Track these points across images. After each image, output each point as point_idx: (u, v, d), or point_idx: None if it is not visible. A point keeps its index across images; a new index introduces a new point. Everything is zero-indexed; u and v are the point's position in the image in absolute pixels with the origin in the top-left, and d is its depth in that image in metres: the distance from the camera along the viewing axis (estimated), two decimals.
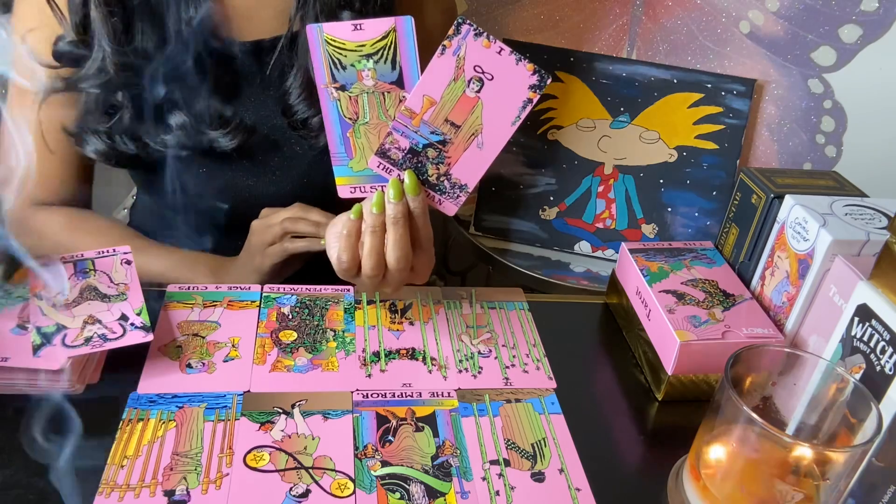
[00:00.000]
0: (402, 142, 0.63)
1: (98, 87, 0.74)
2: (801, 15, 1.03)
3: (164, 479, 0.55)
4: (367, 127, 0.64)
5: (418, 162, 0.64)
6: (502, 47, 0.60)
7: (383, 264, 0.64)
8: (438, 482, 0.57)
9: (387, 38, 0.61)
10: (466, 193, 0.65)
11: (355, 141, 0.64)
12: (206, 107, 0.76)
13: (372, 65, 0.61)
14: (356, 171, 0.66)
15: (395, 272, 0.65)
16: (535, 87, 0.61)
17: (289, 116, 0.79)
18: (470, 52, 0.60)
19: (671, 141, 1.09)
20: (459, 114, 0.62)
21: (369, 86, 0.62)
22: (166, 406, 0.62)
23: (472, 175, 0.64)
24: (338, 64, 0.62)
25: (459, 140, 0.63)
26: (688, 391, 0.68)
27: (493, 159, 0.64)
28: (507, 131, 0.62)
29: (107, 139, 0.77)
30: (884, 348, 0.53)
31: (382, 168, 0.64)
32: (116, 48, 0.72)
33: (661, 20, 1.10)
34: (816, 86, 1.07)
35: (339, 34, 0.61)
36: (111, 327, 0.64)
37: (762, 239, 0.73)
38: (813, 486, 0.52)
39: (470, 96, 0.61)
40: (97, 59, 0.73)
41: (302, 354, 0.68)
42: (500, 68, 0.60)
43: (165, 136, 0.76)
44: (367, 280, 0.66)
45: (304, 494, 0.55)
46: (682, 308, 0.69)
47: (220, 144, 0.77)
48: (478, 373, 0.68)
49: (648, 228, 1.11)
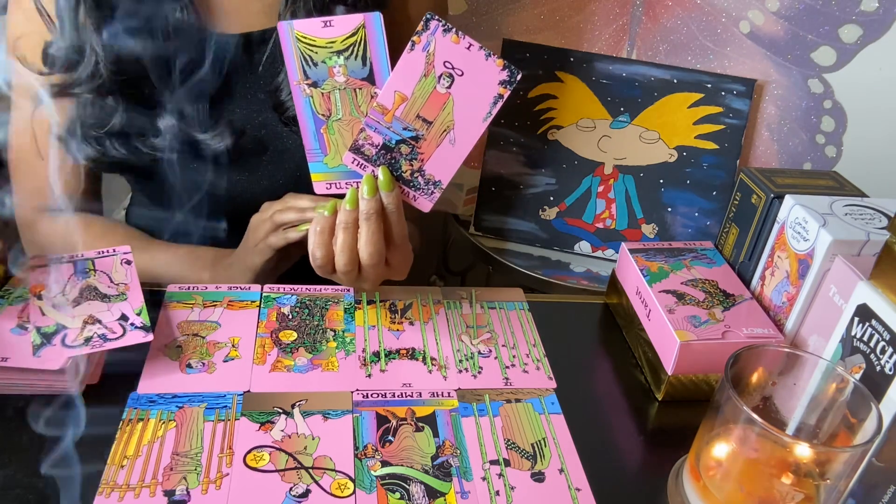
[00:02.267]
0: (375, 138, 0.63)
1: (90, 92, 0.73)
2: (801, 15, 1.03)
3: (164, 479, 0.55)
4: (341, 123, 0.64)
5: (392, 158, 0.64)
6: (471, 43, 0.60)
7: (356, 261, 0.65)
8: (438, 482, 0.57)
9: (356, 34, 0.61)
10: (440, 190, 0.65)
11: (329, 137, 0.65)
12: (196, 104, 0.76)
13: (342, 61, 0.62)
14: (331, 168, 0.66)
15: (369, 268, 0.65)
16: (506, 83, 0.61)
17: (280, 112, 0.79)
18: (439, 47, 0.60)
19: (671, 141, 1.09)
20: (431, 110, 0.62)
21: (341, 82, 0.63)
22: (166, 406, 0.62)
23: (445, 171, 0.65)
24: (309, 61, 0.62)
25: (432, 136, 0.63)
26: (688, 391, 0.68)
27: (465, 155, 0.64)
28: (478, 127, 0.63)
29: (97, 144, 0.76)
30: (884, 348, 0.53)
31: (357, 164, 0.65)
32: (109, 51, 0.72)
33: (661, 20, 1.10)
34: (816, 86, 1.07)
35: (309, 31, 0.61)
36: (111, 327, 0.64)
37: (762, 239, 0.73)
38: (813, 486, 0.52)
39: (441, 92, 0.62)
40: (89, 64, 0.73)
41: (302, 354, 0.68)
42: (470, 64, 0.61)
43: (156, 137, 0.76)
44: (342, 276, 0.66)
45: (304, 494, 0.55)
46: (682, 308, 0.69)
47: (211, 144, 0.77)
48: (478, 373, 0.68)
49: (648, 228, 1.11)
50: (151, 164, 0.79)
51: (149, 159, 0.78)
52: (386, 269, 0.68)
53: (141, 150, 0.77)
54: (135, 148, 0.77)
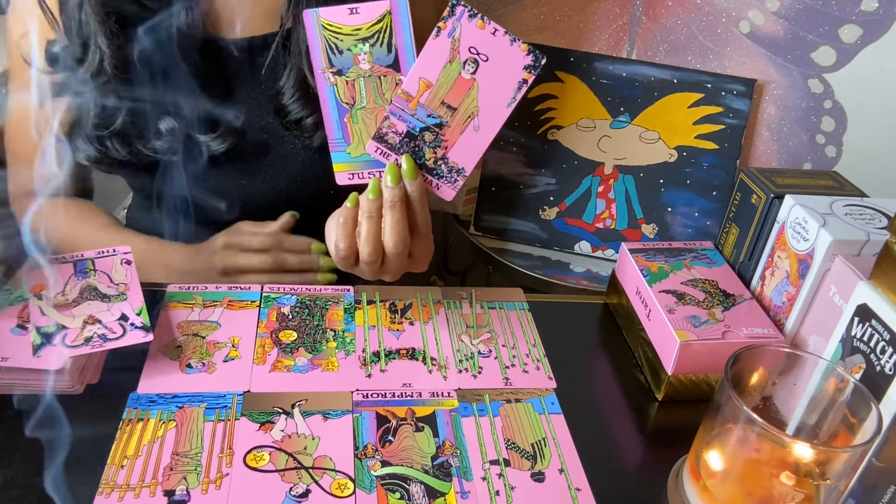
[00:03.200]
0: (399, 126, 0.63)
1: (94, 90, 0.74)
2: (801, 15, 1.03)
3: (164, 479, 0.55)
4: (365, 112, 0.64)
5: (415, 146, 0.64)
6: (497, 28, 0.60)
7: (381, 250, 0.65)
8: (438, 482, 0.57)
9: (382, 21, 0.61)
10: (464, 177, 0.65)
11: (353, 126, 0.65)
12: (197, 107, 0.77)
13: (368, 48, 0.62)
14: (354, 157, 0.66)
15: (393, 257, 0.65)
16: (531, 68, 0.61)
17: (282, 116, 0.79)
18: (465, 33, 0.60)
19: (671, 141, 1.09)
20: (455, 96, 0.62)
21: (365, 69, 0.63)
22: (166, 406, 0.62)
23: (469, 159, 0.64)
24: (334, 48, 0.62)
25: (456, 123, 0.63)
26: (688, 391, 0.68)
27: (489, 142, 0.63)
28: (503, 113, 0.62)
29: (98, 145, 0.77)
30: (884, 348, 0.53)
31: (380, 153, 0.64)
32: (114, 50, 0.72)
33: (661, 20, 1.10)
34: (816, 86, 1.07)
35: (335, 18, 0.61)
36: (111, 327, 0.64)
37: (762, 239, 0.73)
38: (813, 486, 0.52)
39: (466, 78, 0.61)
40: (94, 62, 0.73)
41: (302, 354, 0.68)
42: (495, 49, 0.60)
43: (156, 139, 0.76)
44: (366, 267, 0.66)
45: (304, 494, 0.55)
46: (682, 308, 0.69)
47: (211, 146, 0.78)
48: (478, 373, 0.68)
49: (648, 228, 1.11)
50: (152, 166, 0.79)
51: (149, 161, 0.78)
52: (409, 260, 0.67)
53: (142, 151, 0.77)
54: (136, 150, 0.77)
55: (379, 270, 0.67)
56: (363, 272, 0.67)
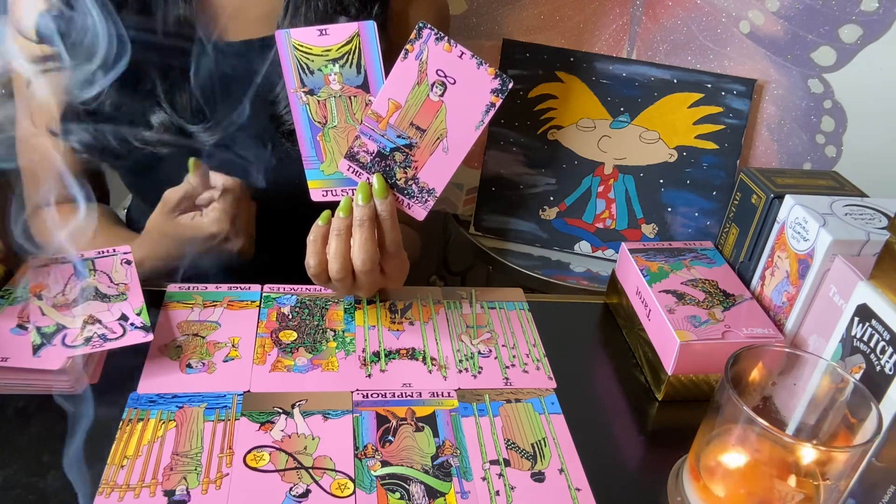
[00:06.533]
0: (369, 145, 0.64)
1: (87, 74, 0.73)
2: (801, 15, 1.03)
3: (164, 479, 0.55)
4: (336, 130, 0.65)
5: (386, 165, 0.65)
6: (463, 51, 0.61)
7: (349, 268, 0.66)
8: (438, 482, 0.57)
9: (351, 42, 0.62)
10: (434, 198, 0.66)
11: (325, 144, 0.66)
12: (193, 109, 0.77)
13: (338, 69, 0.63)
14: (327, 175, 0.67)
15: (362, 275, 0.66)
16: (498, 91, 0.62)
17: (277, 126, 0.79)
18: (432, 56, 0.61)
19: (671, 141, 1.09)
20: (424, 118, 0.63)
21: (336, 90, 0.64)
22: (166, 406, 0.62)
23: (439, 179, 0.65)
24: (305, 68, 0.63)
25: (425, 144, 0.64)
26: (688, 391, 0.68)
27: (458, 164, 0.65)
28: (471, 136, 0.63)
29: (91, 129, 0.76)
30: (884, 348, 0.53)
31: (352, 171, 0.66)
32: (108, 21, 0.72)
33: (661, 20, 1.10)
34: (816, 86, 1.07)
35: (305, 39, 0.63)
36: (111, 327, 0.64)
37: (762, 239, 0.73)
38: (813, 486, 0.52)
39: (434, 100, 0.62)
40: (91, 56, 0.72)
41: (302, 354, 0.68)
42: (463, 72, 0.61)
43: (154, 142, 0.76)
44: (337, 284, 0.67)
45: (304, 494, 0.55)
46: (682, 308, 0.69)
47: (201, 139, 0.77)
48: (478, 373, 0.68)
49: (648, 228, 1.11)
50: (149, 167, 0.79)
51: (147, 162, 0.78)
52: (381, 277, 0.68)
53: (140, 151, 0.77)
54: (132, 149, 0.77)
55: (351, 287, 0.68)
56: (336, 288, 0.68)
